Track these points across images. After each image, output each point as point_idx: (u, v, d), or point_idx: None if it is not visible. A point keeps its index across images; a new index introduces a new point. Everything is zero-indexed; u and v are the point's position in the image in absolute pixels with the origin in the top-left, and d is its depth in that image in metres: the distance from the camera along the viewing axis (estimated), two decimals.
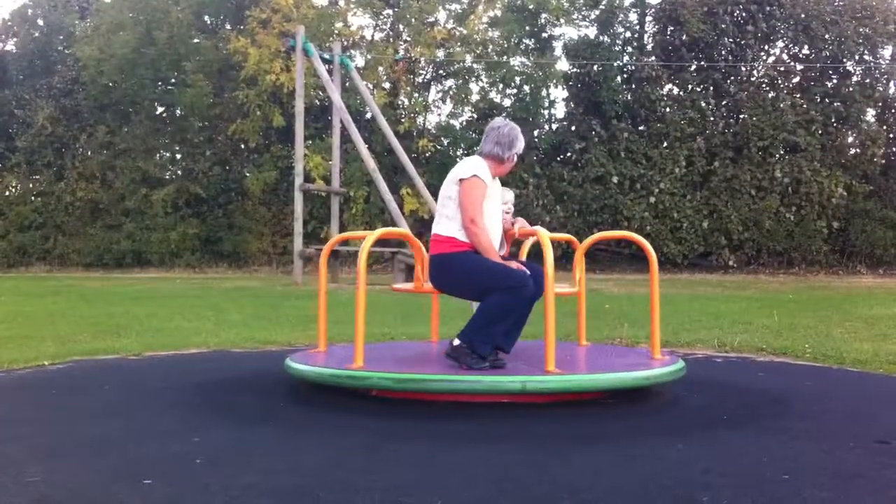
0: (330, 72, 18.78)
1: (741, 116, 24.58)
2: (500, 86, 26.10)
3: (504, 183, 5.26)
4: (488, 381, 4.24)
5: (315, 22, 23.36)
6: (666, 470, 3.13)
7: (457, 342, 4.56)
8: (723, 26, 24.24)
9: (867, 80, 24.66)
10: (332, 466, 3.21)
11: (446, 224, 4.71)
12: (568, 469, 3.15)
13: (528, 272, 4.58)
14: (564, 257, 17.67)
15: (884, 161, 24.58)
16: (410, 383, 4.33)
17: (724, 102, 25.20)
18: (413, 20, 25.12)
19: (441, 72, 26.59)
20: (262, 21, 23.85)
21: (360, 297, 4.49)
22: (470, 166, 4.72)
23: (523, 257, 5.38)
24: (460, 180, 4.68)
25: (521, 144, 4.88)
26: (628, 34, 27.02)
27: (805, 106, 24.04)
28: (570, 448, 3.49)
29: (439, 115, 27.03)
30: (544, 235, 4.59)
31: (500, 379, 4.28)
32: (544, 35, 26.63)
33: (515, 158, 4.90)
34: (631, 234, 5.61)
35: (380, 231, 4.82)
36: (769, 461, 3.22)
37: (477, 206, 4.62)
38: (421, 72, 26.49)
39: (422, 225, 20.35)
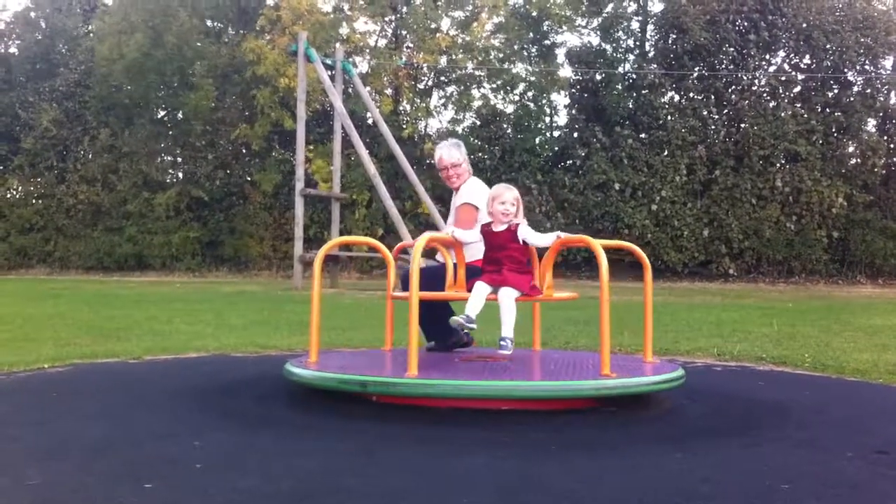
0: (332, 77, 18.80)
1: (742, 125, 24.60)
2: (503, 92, 26.15)
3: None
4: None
5: (324, 27, 23.43)
6: (665, 479, 3.13)
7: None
8: (725, 35, 24.28)
9: (868, 91, 24.71)
10: (331, 471, 3.21)
11: None
12: (567, 477, 3.15)
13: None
14: (564, 264, 17.69)
15: (884, 171, 24.61)
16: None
17: (725, 111, 25.23)
18: (417, 27, 25.17)
19: (443, 78, 26.64)
20: (272, 20, 23.94)
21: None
22: None
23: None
24: None
25: (436, 158, 5.71)
26: (630, 42, 27.08)
27: (806, 115, 24.07)
28: (569, 456, 3.48)
29: (441, 121, 27.10)
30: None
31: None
32: (547, 42, 26.68)
33: (442, 168, 5.61)
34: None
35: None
36: (769, 471, 3.22)
37: None
38: (423, 78, 26.54)
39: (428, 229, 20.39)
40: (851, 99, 24.37)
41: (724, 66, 25.04)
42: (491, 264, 4.83)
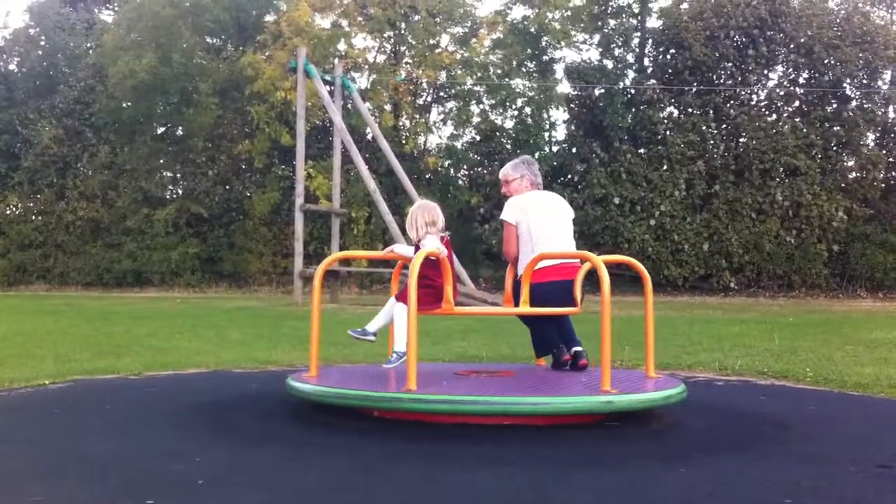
0: (331, 93, 18.85)
1: (741, 140, 24.65)
2: (501, 108, 26.22)
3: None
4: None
5: (323, 42, 23.49)
6: (668, 494, 3.12)
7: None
8: (724, 50, 24.36)
9: (867, 105, 24.76)
10: (333, 487, 3.20)
11: None
12: (570, 492, 3.14)
13: None
14: None
15: (884, 185, 24.63)
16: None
17: (724, 126, 25.28)
18: (416, 43, 25.25)
19: (442, 94, 26.71)
20: (274, 35, 24.03)
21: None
22: None
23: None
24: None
25: None
26: (630, 57, 27.15)
27: (805, 130, 24.12)
28: (572, 471, 3.48)
29: (440, 136, 27.15)
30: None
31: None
32: (545, 58, 26.77)
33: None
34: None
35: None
36: (771, 485, 3.22)
37: None
38: (422, 93, 26.60)
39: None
40: (850, 113, 24.39)
41: (722, 81, 25.12)
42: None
